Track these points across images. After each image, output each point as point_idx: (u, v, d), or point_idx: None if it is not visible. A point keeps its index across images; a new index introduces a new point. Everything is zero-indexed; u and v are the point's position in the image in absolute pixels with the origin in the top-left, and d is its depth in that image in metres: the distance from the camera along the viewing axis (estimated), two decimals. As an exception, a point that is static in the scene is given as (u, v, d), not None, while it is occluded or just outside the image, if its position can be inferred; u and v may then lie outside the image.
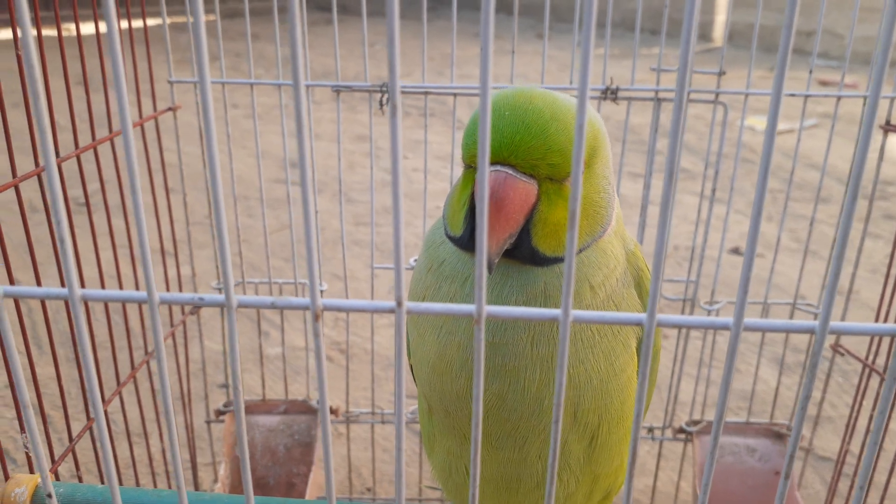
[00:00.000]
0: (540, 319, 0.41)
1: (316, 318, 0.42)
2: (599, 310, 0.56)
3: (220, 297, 0.42)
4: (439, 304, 0.42)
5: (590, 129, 0.60)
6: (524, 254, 0.58)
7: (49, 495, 0.50)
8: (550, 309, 0.40)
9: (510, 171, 0.56)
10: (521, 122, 0.56)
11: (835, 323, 0.40)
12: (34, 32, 0.84)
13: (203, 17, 0.35)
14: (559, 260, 0.59)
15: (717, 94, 1.12)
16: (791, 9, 0.33)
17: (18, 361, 0.45)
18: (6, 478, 0.81)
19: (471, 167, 0.60)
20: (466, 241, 0.60)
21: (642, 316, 0.40)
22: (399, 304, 0.41)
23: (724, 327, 0.40)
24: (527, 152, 0.56)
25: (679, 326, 0.41)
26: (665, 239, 0.38)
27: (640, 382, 0.39)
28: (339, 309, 0.42)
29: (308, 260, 0.40)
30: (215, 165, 0.38)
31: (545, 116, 0.57)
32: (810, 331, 0.40)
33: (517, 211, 0.56)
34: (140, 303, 0.43)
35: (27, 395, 0.46)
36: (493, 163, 0.57)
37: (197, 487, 1.39)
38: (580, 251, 0.61)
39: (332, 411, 1.35)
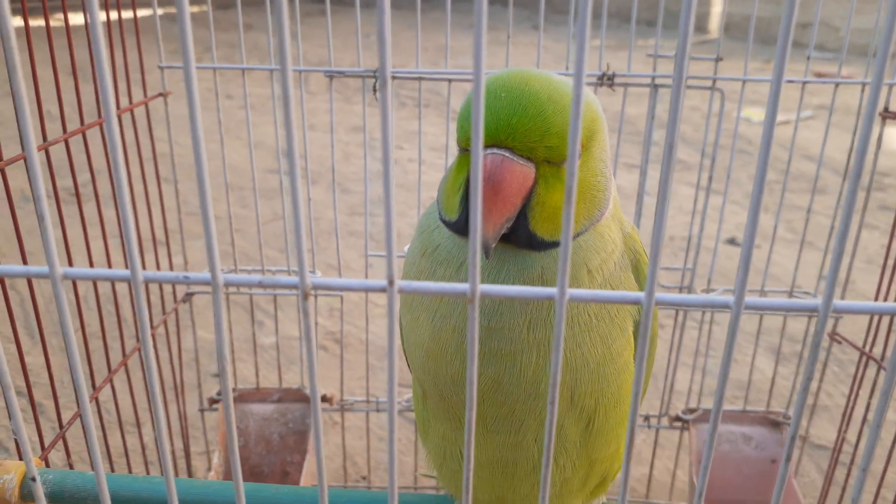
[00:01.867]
0: (535, 298, 0.40)
1: (305, 296, 0.40)
2: None
3: (207, 275, 0.41)
4: (432, 283, 0.40)
5: (588, 111, 0.59)
6: (521, 238, 0.57)
7: (33, 479, 0.49)
8: (547, 288, 0.39)
9: (507, 154, 0.55)
10: (518, 103, 0.55)
11: (838, 301, 0.39)
12: (20, 23, 0.83)
13: (186, -17, 0.34)
14: (557, 244, 0.58)
15: (714, 81, 1.11)
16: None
17: (0, 346, 0.44)
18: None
19: (466, 150, 0.59)
20: (462, 226, 0.59)
21: (640, 294, 0.39)
22: (391, 282, 0.40)
23: (725, 306, 0.39)
24: (524, 134, 0.55)
25: (677, 306, 0.40)
26: (664, 216, 0.37)
27: (637, 363, 0.38)
28: (328, 287, 0.41)
29: (296, 237, 0.39)
30: (200, 146, 0.37)
31: (542, 98, 0.55)
32: (812, 309, 0.39)
33: (514, 194, 0.55)
34: (125, 281, 0.42)
35: (8, 377, 0.45)
36: (489, 145, 0.56)
37: (191, 475, 1.38)
38: (578, 235, 0.60)
39: (327, 399, 1.34)
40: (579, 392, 0.60)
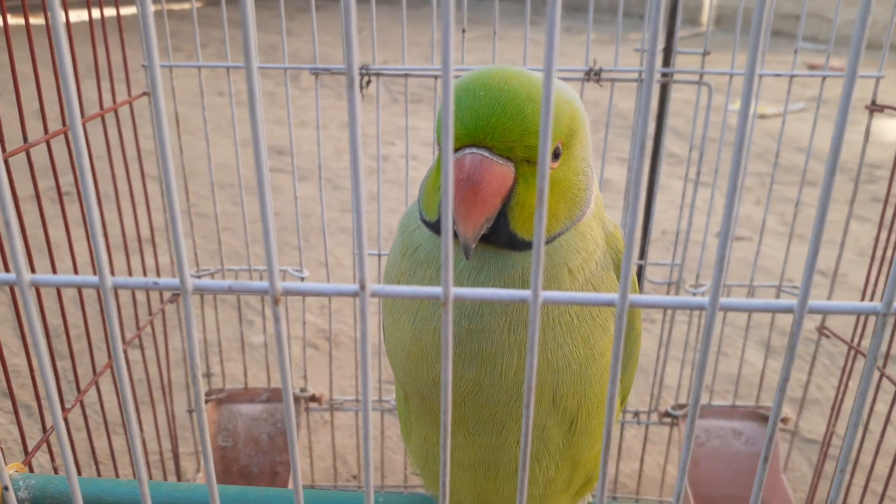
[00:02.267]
0: (509, 301, 0.39)
1: (276, 302, 0.40)
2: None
3: (175, 280, 0.40)
4: (405, 286, 0.40)
5: (568, 108, 0.58)
6: (501, 238, 0.57)
7: (5, 488, 0.48)
8: (519, 290, 0.38)
9: (486, 154, 0.54)
10: (497, 102, 0.55)
11: (814, 302, 0.39)
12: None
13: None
14: None
15: (702, 76, 1.11)
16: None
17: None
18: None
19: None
20: (439, 226, 0.58)
21: (614, 296, 0.39)
22: (362, 286, 0.39)
23: (700, 307, 0.39)
24: (503, 134, 0.54)
25: (652, 307, 0.39)
26: (636, 216, 0.37)
27: (612, 364, 0.38)
28: (298, 293, 0.40)
29: (265, 243, 0.38)
30: (165, 145, 0.36)
31: (521, 96, 0.55)
32: (789, 310, 0.39)
33: (493, 194, 0.54)
34: (94, 287, 0.41)
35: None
36: (468, 144, 0.55)
37: (180, 477, 1.38)
38: (559, 235, 0.59)
39: (316, 399, 1.33)
40: (561, 393, 0.60)
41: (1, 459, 0.47)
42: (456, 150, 0.56)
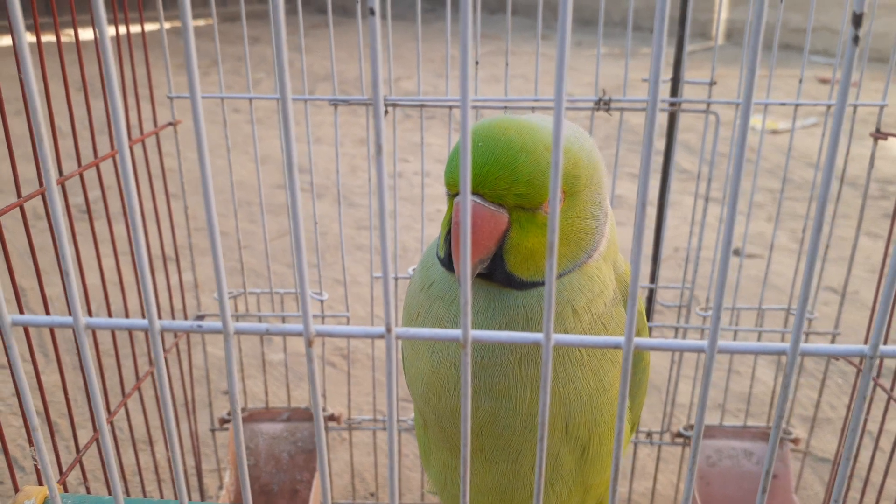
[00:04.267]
0: (523, 343, 0.42)
1: (309, 344, 0.44)
2: (585, 332, 0.58)
3: (218, 324, 0.44)
4: (427, 329, 0.43)
5: (568, 158, 0.61)
6: (501, 278, 0.61)
7: (57, 512, 0.52)
8: (534, 333, 0.41)
9: (477, 200, 0.58)
10: (491, 153, 0.59)
11: (806, 345, 0.42)
12: (32, 39, 0.86)
13: (196, 62, 0.37)
14: (537, 284, 0.61)
15: (709, 105, 1.14)
16: (754, 40, 0.35)
17: (27, 388, 0.47)
18: (16, 489, 0.83)
19: (451, 195, 0.63)
20: (447, 262, 0.63)
21: (620, 339, 0.42)
22: (388, 329, 0.43)
23: (699, 350, 0.42)
24: (494, 183, 0.58)
25: (655, 349, 0.42)
26: (638, 263, 0.40)
27: (619, 403, 0.41)
28: (331, 335, 0.44)
29: (300, 291, 0.42)
30: (210, 193, 0.40)
31: (515, 148, 0.58)
32: (781, 352, 0.42)
33: (486, 237, 0.58)
34: (144, 330, 0.45)
35: (35, 419, 0.48)
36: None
37: (202, 494, 1.41)
38: (562, 275, 0.63)
39: (335, 418, 1.37)
40: (573, 423, 0.63)
41: (52, 477, 0.51)
42: (455, 195, 0.60)
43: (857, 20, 0.35)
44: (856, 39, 0.35)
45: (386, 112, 1.18)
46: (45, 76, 0.88)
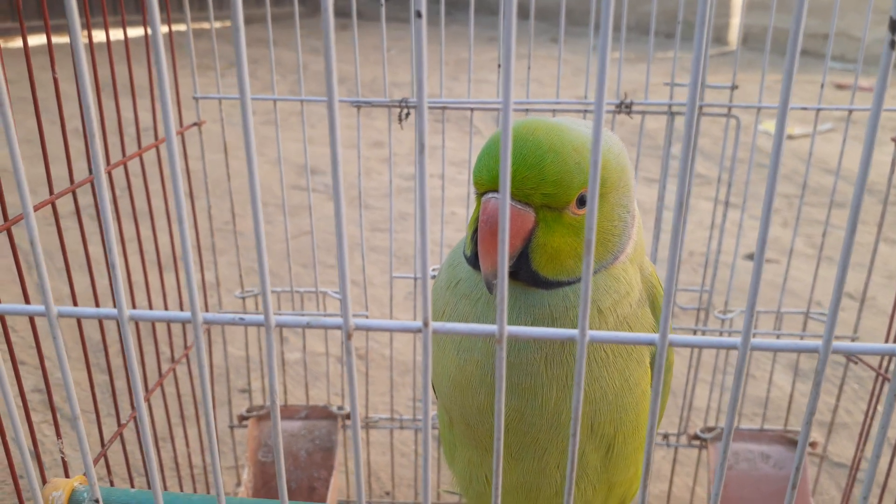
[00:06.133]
0: (558, 339, 0.43)
1: (349, 336, 0.45)
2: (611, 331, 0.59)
3: (260, 317, 0.45)
4: (463, 324, 0.44)
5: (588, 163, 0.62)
6: (526, 277, 0.62)
7: (96, 501, 0.53)
8: (569, 329, 0.42)
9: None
10: (519, 153, 0.59)
11: (838, 343, 0.42)
12: (85, 40, 0.89)
13: (246, 65, 0.38)
14: (562, 283, 0.62)
15: (730, 108, 1.14)
16: (794, 40, 0.36)
17: (71, 379, 0.48)
18: (44, 481, 0.85)
19: (478, 193, 0.64)
20: (473, 260, 0.64)
21: (655, 336, 0.43)
22: (426, 324, 0.44)
23: (733, 347, 0.43)
24: (521, 182, 0.59)
25: (688, 346, 0.43)
26: (674, 273, 0.41)
27: (653, 398, 0.42)
28: (369, 328, 0.45)
29: (340, 284, 0.43)
30: (257, 200, 0.41)
31: (542, 148, 0.59)
32: (814, 350, 0.42)
33: (512, 236, 0.59)
34: (187, 322, 0.46)
35: (77, 408, 0.49)
36: (492, 190, 0.60)
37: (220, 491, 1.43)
38: None
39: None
40: (599, 421, 0.64)
41: (93, 473, 0.52)
42: (483, 193, 0.61)
43: (894, 25, 0.35)
44: (892, 44, 0.35)
45: (407, 114, 1.20)
46: (97, 79, 0.90)
